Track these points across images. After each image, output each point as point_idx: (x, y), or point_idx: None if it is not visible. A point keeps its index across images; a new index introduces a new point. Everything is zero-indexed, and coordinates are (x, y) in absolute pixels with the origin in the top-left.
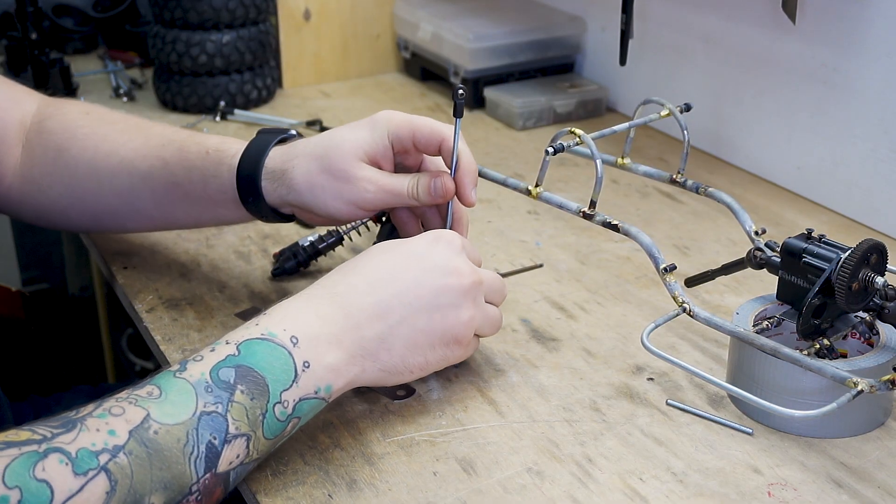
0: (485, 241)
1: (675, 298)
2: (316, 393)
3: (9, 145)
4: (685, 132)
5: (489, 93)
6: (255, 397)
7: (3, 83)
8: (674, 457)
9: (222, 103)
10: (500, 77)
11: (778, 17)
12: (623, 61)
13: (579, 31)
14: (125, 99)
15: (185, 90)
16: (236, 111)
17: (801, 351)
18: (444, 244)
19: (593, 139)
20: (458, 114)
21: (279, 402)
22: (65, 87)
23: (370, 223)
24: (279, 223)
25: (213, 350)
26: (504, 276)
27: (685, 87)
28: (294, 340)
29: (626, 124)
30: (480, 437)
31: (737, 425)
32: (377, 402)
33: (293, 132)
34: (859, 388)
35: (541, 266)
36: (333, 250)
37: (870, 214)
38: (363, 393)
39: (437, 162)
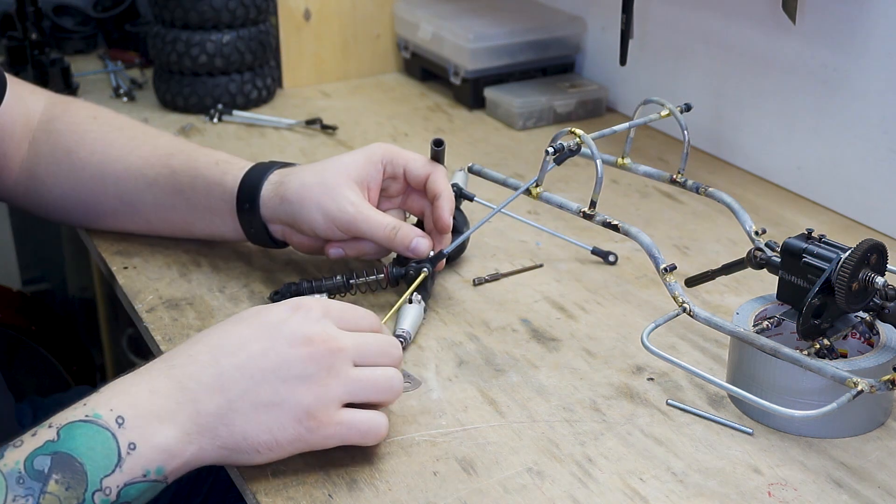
0: (485, 241)
1: (675, 298)
2: (145, 476)
3: (17, 142)
4: (685, 132)
5: (489, 93)
6: (70, 486)
7: (10, 81)
8: (674, 457)
9: (219, 105)
10: (500, 77)
11: (778, 17)
12: (623, 61)
13: (579, 31)
14: (125, 99)
15: (185, 90)
16: (235, 112)
17: (801, 351)
18: (302, 313)
19: (593, 139)
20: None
21: (99, 490)
22: (65, 88)
23: (382, 281)
24: (268, 248)
25: (34, 434)
26: (504, 276)
27: (685, 87)
28: (120, 421)
29: (626, 124)
30: (480, 437)
31: (737, 425)
32: None
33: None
34: (859, 388)
35: (541, 266)
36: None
37: (870, 214)
38: None
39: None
